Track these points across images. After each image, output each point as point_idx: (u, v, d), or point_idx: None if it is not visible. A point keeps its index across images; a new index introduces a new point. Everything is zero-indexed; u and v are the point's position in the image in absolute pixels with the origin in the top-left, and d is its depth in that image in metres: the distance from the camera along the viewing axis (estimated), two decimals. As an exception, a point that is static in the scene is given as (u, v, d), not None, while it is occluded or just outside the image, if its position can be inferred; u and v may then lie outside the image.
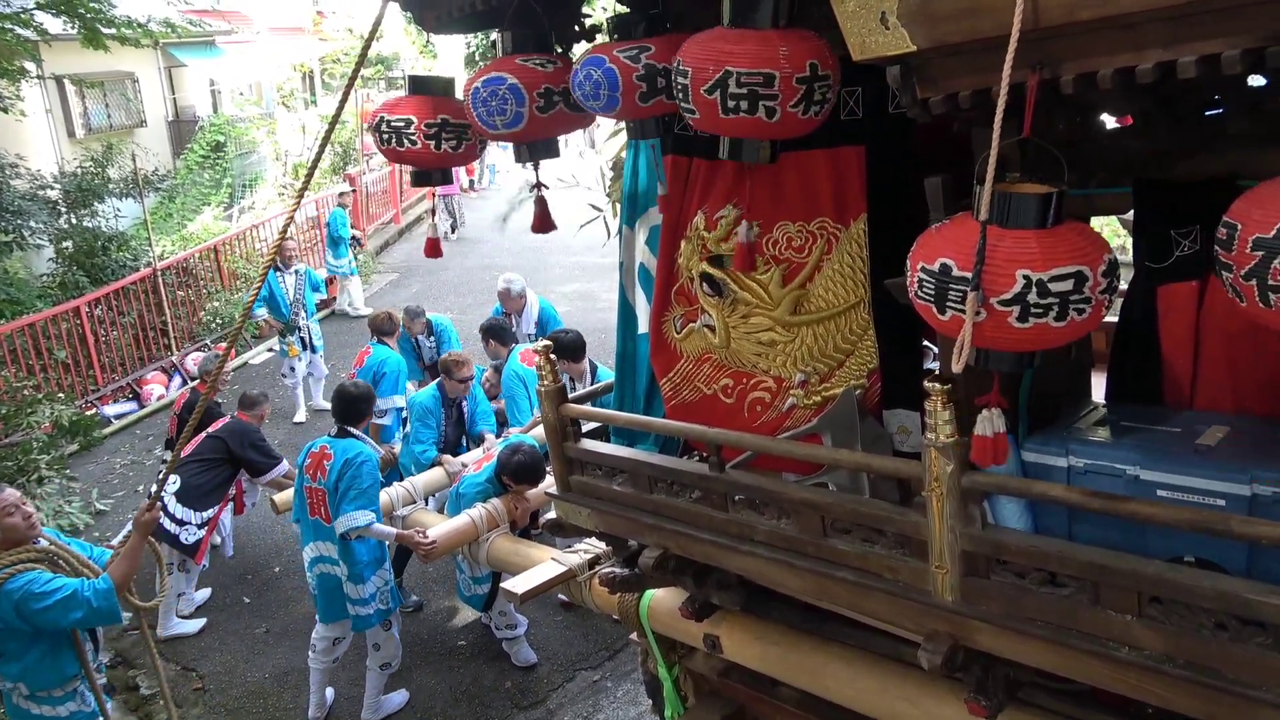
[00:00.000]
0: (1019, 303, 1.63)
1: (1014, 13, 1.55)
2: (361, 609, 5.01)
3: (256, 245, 13.14)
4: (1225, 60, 1.44)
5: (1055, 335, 1.67)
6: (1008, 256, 1.63)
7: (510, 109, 2.51)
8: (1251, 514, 1.78)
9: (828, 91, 2.09)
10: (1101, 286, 1.64)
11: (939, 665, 2.14)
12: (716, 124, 2.17)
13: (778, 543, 2.56)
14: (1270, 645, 1.70)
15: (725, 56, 2.05)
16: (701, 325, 2.97)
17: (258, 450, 6.12)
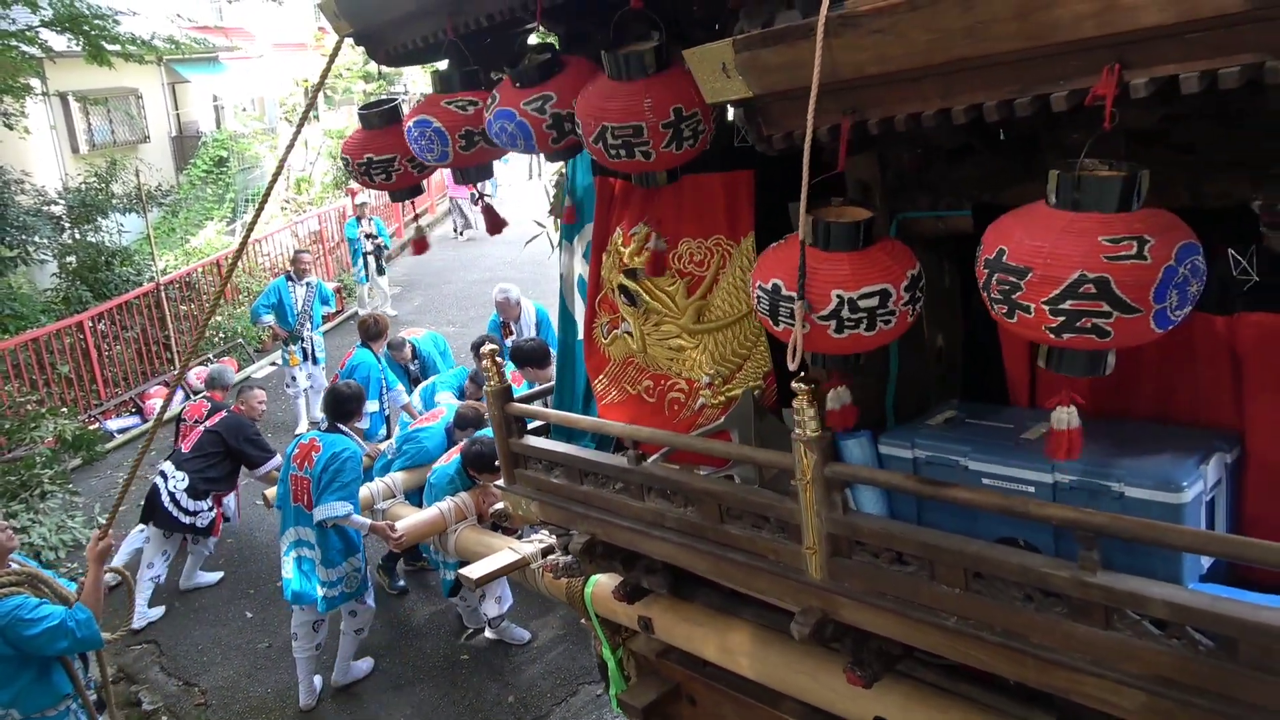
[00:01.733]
0: (835, 318, 1.89)
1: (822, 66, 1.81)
2: (329, 590, 5.44)
3: (259, 259, 13.46)
4: (986, 110, 1.70)
5: (868, 342, 1.93)
6: (825, 279, 1.90)
7: (437, 147, 2.80)
8: (1055, 499, 2.04)
9: (698, 125, 2.36)
10: (904, 300, 1.90)
11: (807, 636, 2.40)
12: (608, 163, 2.46)
13: (684, 528, 2.82)
14: (1066, 614, 1.95)
15: (601, 113, 2.33)
16: (623, 332, 3.25)
17: (252, 444, 6.50)
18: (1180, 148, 1.96)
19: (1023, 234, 1.62)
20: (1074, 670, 1.93)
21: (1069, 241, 1.55)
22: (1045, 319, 1.59)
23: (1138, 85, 1.51)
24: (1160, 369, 2.16)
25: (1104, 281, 1.52)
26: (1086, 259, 1.53)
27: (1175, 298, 1.55)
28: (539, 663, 5.97)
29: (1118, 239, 1.53)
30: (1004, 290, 1.62)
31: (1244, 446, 2.05)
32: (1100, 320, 1.55)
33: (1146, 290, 1.52)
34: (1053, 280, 1.56)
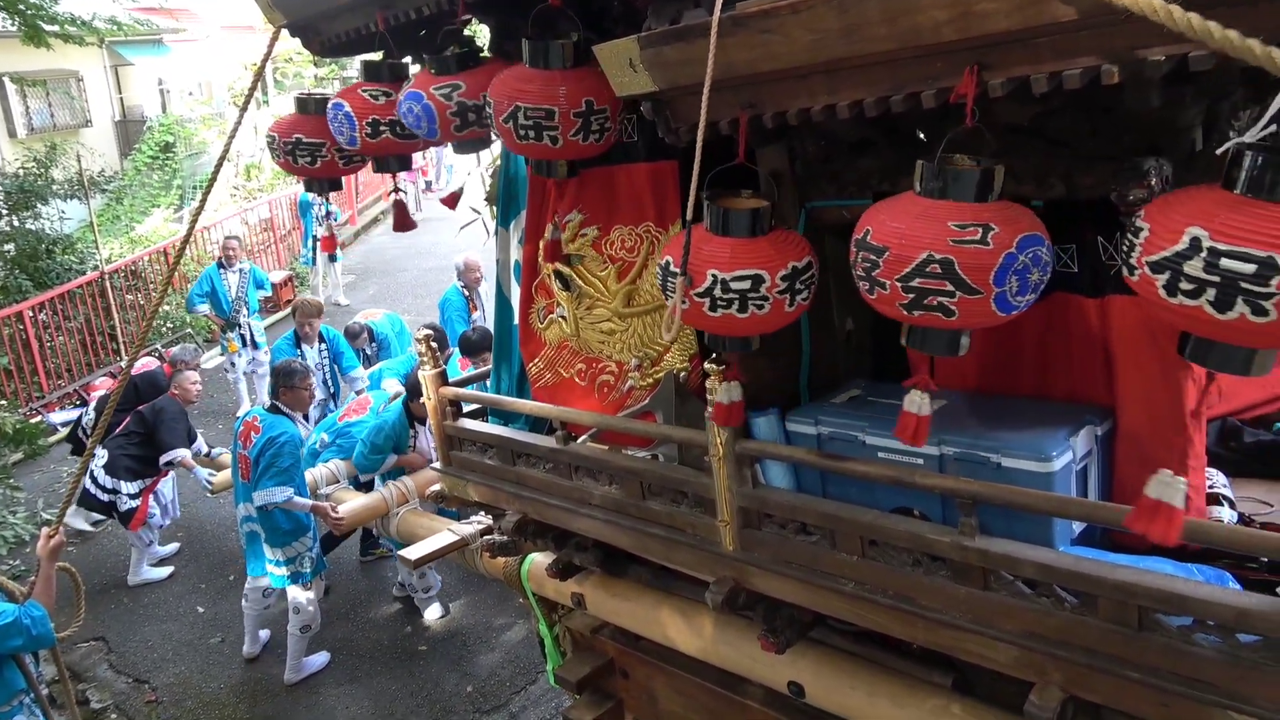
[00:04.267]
0: (709, 296, 2.01)
1: (718, 63, 1.92)
2: (276, 569, 5.54)
3: (208, 248, 13.31)
4: (866, 106, 1.82)
5: (740, 325, 2.05)
6: (705, 258, 2.01)
7: (346, 131, 2.87)
8: (941, 470, 2.18)
9: (606, 123, 2.46)
10: (779, 289, 2.02)
11: (721, 605, 2.53)
12: (515, 147, 2.55)
13: (610, 506, 2.93)
14: (949, 577, 2.09)
15: (516, 94, 2.42)
16: (558, 316, 3.35)
17: (167, 428, 6.48)
18: (1055, 142, 2.10)
19: (886, 217, 1.75)
20: (957, 629, 2.08)
21: (922, 225, 1.68)
22: (898, 295, 1.71)
23: (995, 85, 1.63)
24: (1040, 349, 2.31)
25: (949, 263, 1.65)
26: (935, 241, 1.66)
27: (1015, 283, 1.67)
28: (497, 651, 6.05)
29: (965, 225, 1.65)
30: (866, 267, 1.75)
31: (1114, 419, 2.21)
32: (945, 299, 1.68)
33: (987, 274, 1.64)
34: (904, 259, 1.68)
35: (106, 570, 7.33)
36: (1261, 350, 1.46)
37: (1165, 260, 1.44)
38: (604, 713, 3.84)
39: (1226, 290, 1.37)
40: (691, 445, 2.72)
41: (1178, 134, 1.92)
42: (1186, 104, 1.87)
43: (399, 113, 2.74)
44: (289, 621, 5.72)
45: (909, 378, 2.66)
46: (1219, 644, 1.71)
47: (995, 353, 2.43)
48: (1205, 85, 1.80)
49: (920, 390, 1.92)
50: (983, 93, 1.65)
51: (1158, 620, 1.78)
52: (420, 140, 2.98)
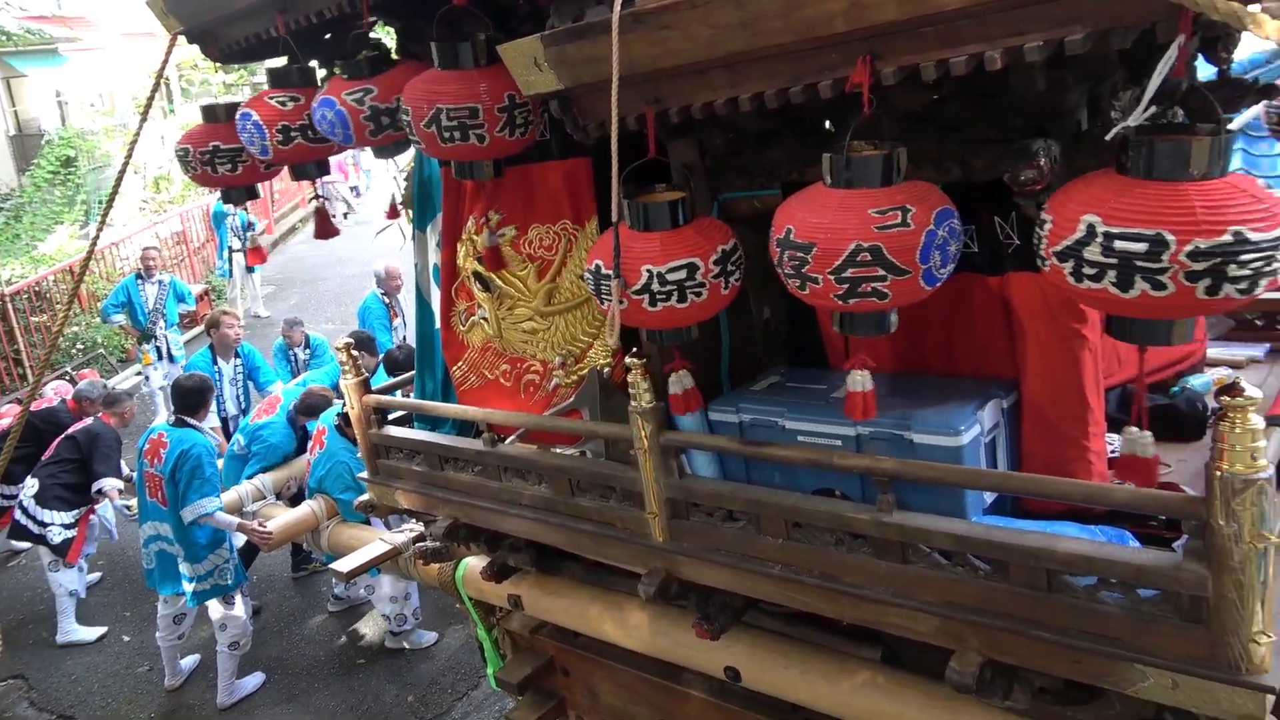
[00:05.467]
0: (647, 292, 2.03)
1: (621, 60, 1.94)
2: (197, 584, 5.40)
3: (117, 265, 12.84)
4: (767, 98, 1.86)
5: (682, 315, 2.08)
6: (637, 255, 2.03)
7: (258, 141, 2.82)
8: (858, 450, 2.24)
9: (529, 116, 2.46)
10: (714, 273, 2.06)
11: (653, 595, 2.56)
12: (439, 151, 2.52)
13: (539, 504, 2.93)
14: (870, 553, 2.15)
15: (435, 96, 2.40)
16: (479, 318, 3.34)
17: (101, 456, 6.25)
18: (949, 128, 2.17)
19: (806, 213, 1.79)
20: (880, 603, 2.14)
21: (844, 216, 1.72)
22: (832, 288, 1.76)
23: (887, 74, 1.69)
24: (947, 328, 2.39)
25: (877, 249, 1.70)
26: (860, 230, 1.70)
27: (938, 258, 1.74)
28: (438, 659, 5.99)
29: (884, 210, 1.70)
30: (795, 265, 1.78)
31: (1019, 392, 2.30)
32: (878, 284, 1.73)
33: (913, 253, 1.70)
34: (834, 253, 1.72)
35: (23, 604, 7.05)
36: (1179, 321, 1.54)
37: (1068, 249, 1.51)
38: (546, 712, 3.84)
39: (1125, 270, 1.44)
40: (617, 440, 2.74)
41: (1063, 116, 2.00)
42: (1069, 87, 1.96)
43: (313, 120, 2.70)
44: (217, 640, 5.57)
45: (825, 362, 2.75)
46: (1122, 600, 1.80)
47: (907, 334, 2.49)
48: (1086, 69, 1.88)
49: (859, 370, 1.96)
50: (876, 82, 1.70)
51: (1065, 581, 1.86)
52: (336, 144, 2.94)
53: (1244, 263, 1.36)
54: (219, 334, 7.42)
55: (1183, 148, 1.42)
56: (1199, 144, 1.41)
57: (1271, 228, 1.37)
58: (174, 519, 5.30)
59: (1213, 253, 1.36)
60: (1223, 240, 1.35)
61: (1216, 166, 1.41)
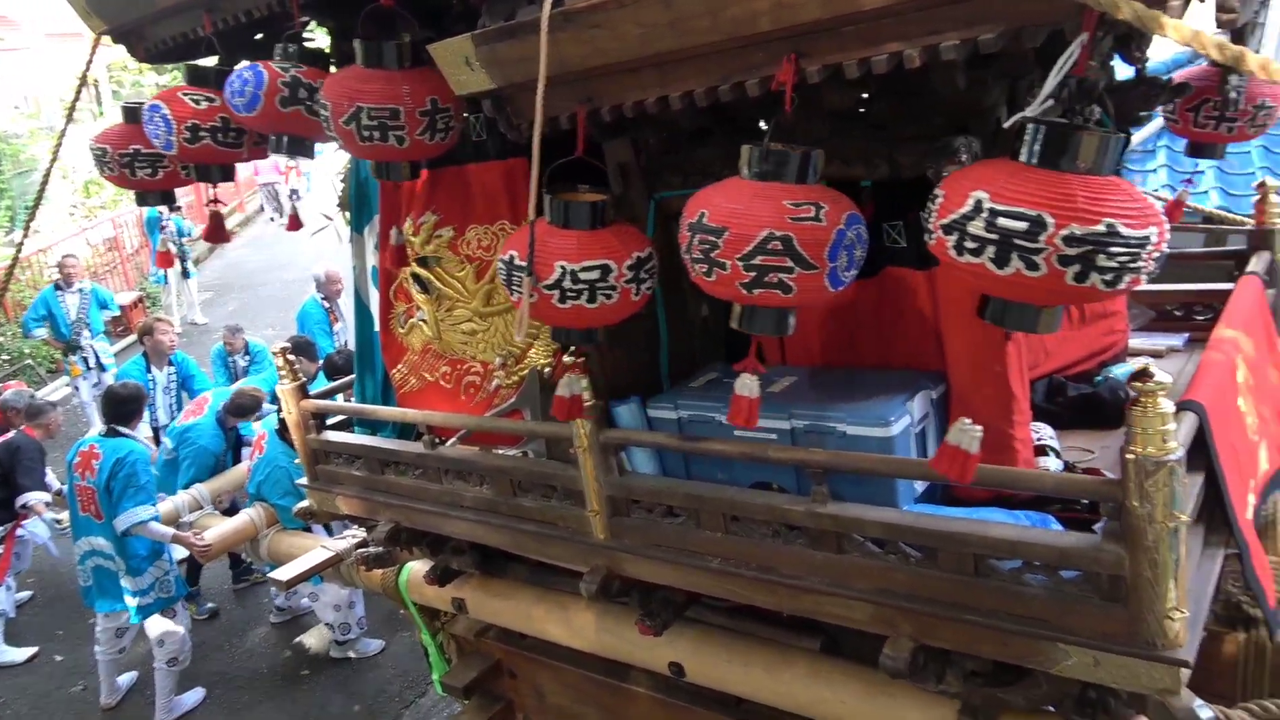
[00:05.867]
0: (558, 288, 2.04)
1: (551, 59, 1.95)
2: (141, 599, 5.26)
3: (44, 273, 12.43)
4: (697, 97, 1.89)
5: (590, 316, 2.09)
6: (553, 251, 2.04)
7: (163, 135, 2.76)
8: (793, 443, 2.28)
9: (450, 121, 2.45)
10: (627, 278, 2.07)
11: (595, 593, 2.56)
12: (357, 150, 2.50)
13: (481, 506, 2.92)
14: (806, 544, 2.19)
15: (356, 94, 2.37)
16: (418, 320, 3.31)
17: (25, 470, 6.06)
18: (877, 125, 2.22)
19: (721, 199, 1.81)
20: (816, 593, 2.17)
21: (760, 204, 1.75)
22: (739, 275, 1.76)
23: (812, 73, 1.72)
24: (878, 322, 2.45)
25: (788, 239, 1.72)
26: (774, 219, 1.73)
27: (845, 259, 1.77)
28: (385, 668, 5.91)
29: (799, 203, 1.73)
30: (704, 249, 1.79)
31: (947, 383, 2.35)
32: (785, 276, 1.74)
33: (823, 249, 1.73)
34: (746, 238, 1.74)
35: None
36: (1046, 309, 1.60)
37: (954, 222, 1.55)
38: (493, 715, 3.83)
39: (1003, 247, 1.49)
40: (558, 439, 2.74)
41: (983, 113, 2.06)
42: (989, 86, 2.02)
43: (227, 88, 2.61)
44: (154, 656, 5.43)
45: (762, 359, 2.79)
46: (1045, 582, 1.86)
47: (838, 329, 2.55)
48: (1003, 68, 1.94)
49: (750, 373, 1.98)
50: (803, 80, 1.73)
51: (991, 566, 1.92)
52: (244, 150, 2.89)
53: (1113, 254, 1.42)
54: (152, 341, 7.24)
55: (1073, 140, 1.47)
56: (1089, 139, 1.47)
57: (1142, 226, 1.43)
58: (111, 533, 5.15)
59: (1086, 240, 1.41)
60: (1097, 229, 1.41)
61: (1102, 163, 1.47)
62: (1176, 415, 1.92)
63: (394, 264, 2.99)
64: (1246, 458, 2.35)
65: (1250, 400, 2.42)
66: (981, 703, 2.18)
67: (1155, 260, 1.51)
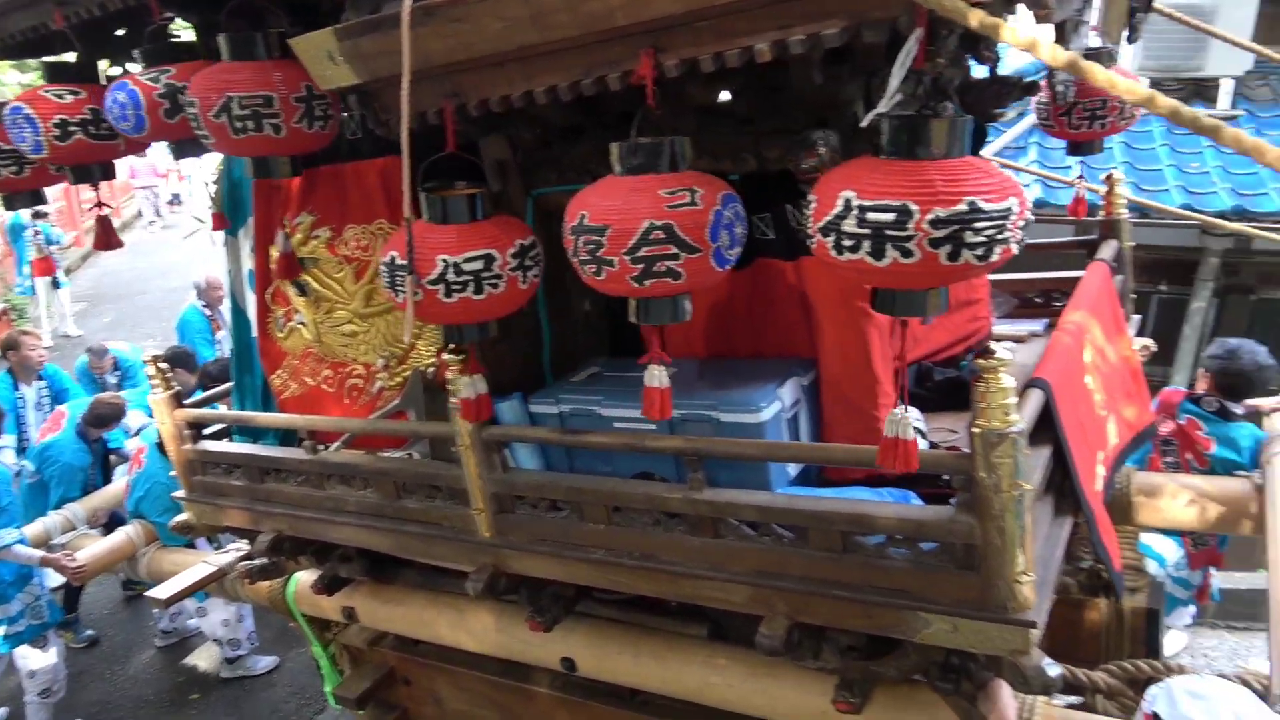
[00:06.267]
0: (442, 282, 2.03)
1: (414, 54, 1.94)
2: (9, 627, 4.97)
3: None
4: (560, 91, 1.91)
5: (479, 308, 2.09)
6: (432, 246, 2.03)
7: (30, 137, 2.64)
8: (671, 432, 2.32)
9: (329, 108, 2.40)
10: (511, 265, 2.07)
11: (482, 591, 2.56)
12: (231, 144, 2.42)
13: (365, 510, 2.88)
14: (685, 531, 2.23)
15: (225, 85, 2.31)
16: (297, 323, 3.23)
17: None
18: (743, 120, 2.29)
19: (598, 199, 1.83)
20: (695, 578, 2.22)
21: (636, 197, 1.78)
22: (628, 269, 1.80)
23: (670, 67, 1.76)
24: (751, 313, 2.52)
25: (669, 227, 1.75)
26: (652, 209, 1.76)
27: (726, 238, 1.82)
28: (279, 686, 5.75)
29: (674, 190, 1.77)
30: (590, 249, 1.82)
31: (818, 370, 2.44)
32: (672, 263, 1.78)
33: (703, 231, 1.77)
34: (628, 232, 1.77)
35: None
36: (931, 291, 1.67)
37: (829, 224, 1.62)
38: (389, 724, 3.77)
39: (877, 240, 1.56)
40: (442, 439, 2.72)
41: (841, 108, 2.13)
42: (845, 81, 2.09)
43: (105, 108, 2.52)
44: (25, 689, 5.13)
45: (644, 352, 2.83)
46: (907, 555, 1.94)
47: (716, 321, 2.61)
48: (859, 64, 2.02)
49: (656, 364, 2.02)
50: (662, 75, 1.77)
51: (857, 542, 1.99)
52: (121, 143, 2.78)
53: (979, 230, 1.51)
54: (18, 356, 6.83)
55: (924, 128, 1.55)
56: (938, 125, 1.55)
57: (1001, 199, 1.52)
58: None
59: (951, 220, 1.49)
60: (959, 209, 1.49)
61: (954, 146, 1.55)
62: (1025, 393, 2.04)
63: (283, 273, 2.91)
64: (1094, 432, 2.50)
65: (1097, 379, 2.58)
66: (857, 676, 2.26)
67: (1021, 229, 1.60)
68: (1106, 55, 3.02)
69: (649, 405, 1.98)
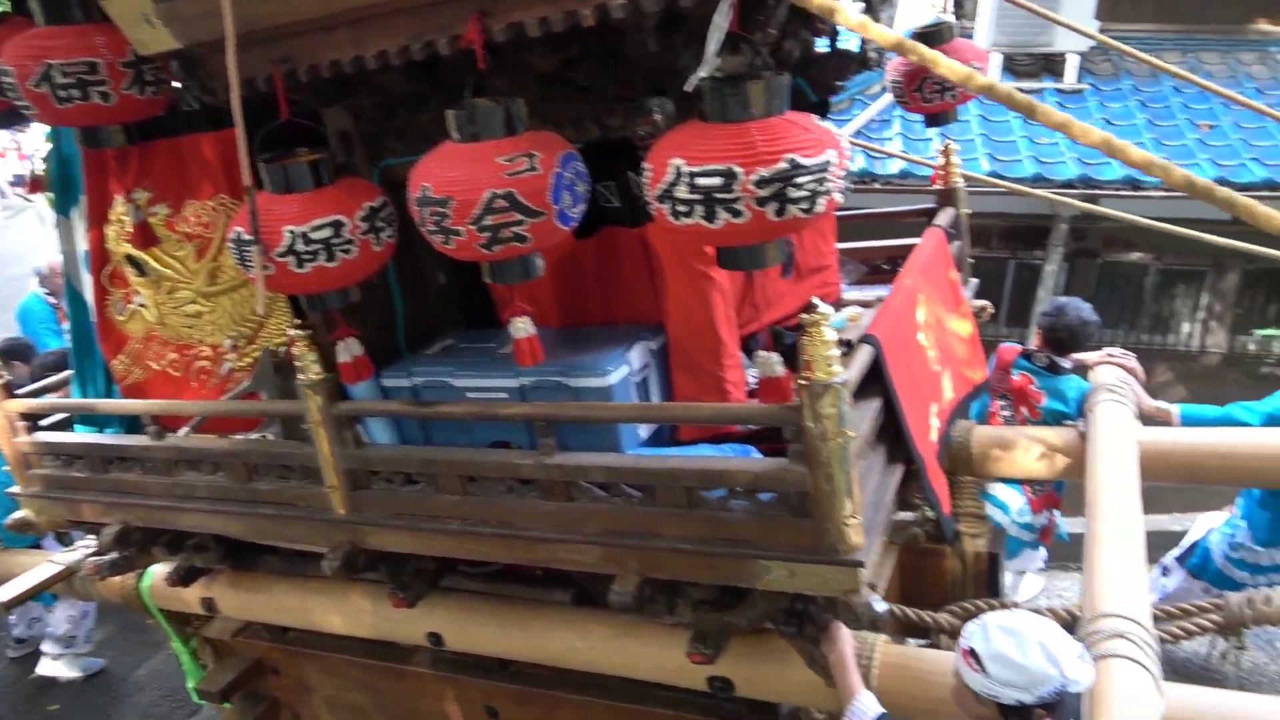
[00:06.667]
0: (291, 253, 1.99)
1: (238, 16, 1.88)
2: None
3: None
4: (390, 56, 1.89)
5: (335, 275, 2.05)
6: (277, 217, 1.99)
7: None
8: (524, 400, 2.34)
9: (159, 73, 2.30)
10: (363, 230, 2.05)
11: (339, 569, 2.52)
12: (56, 115, 2.30)
13: (216, 495, 2.79)
14: (539, 496, 2.26)
15: (44, 51, 2.19)
16: (138, 305, 3.09)
17: None
18: (584, 88, 2.30)
19: (439, 169, 1.83)
20: (550, 542, 2.25)
21: (476, 167, 1.79)
22: (475, 238, 1.81)
23: (498, 32, 1.76)
24: (601, 280, 2.55)
25: (511, 195, 1.77)
26: (492, 179, 1.77)
27: (568, 198, 1.84)
28: (149, 689, 5.48)
29: (512, 157, 1.78)
30: (436, 220, 1.82)
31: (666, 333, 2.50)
32: (517, 228, 1.80)
33: (544, 195, 1.79)
34: (471, 203, 1.77)
35: None
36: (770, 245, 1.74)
37: (664, 192, 1.66)
38: (258, 716, 3.68)
39: (708, 204, 1.62)
40: (294, 417, 2.66)
41: (677, 76, 2.17)
42: (680, 48, 2.14)
43: None
44: None
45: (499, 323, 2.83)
46: (747, 506, 2.02)
47: (569, 290, 2.64)
48: (692, 31, 2.07)
49: (519, 317, 2.03)
50: (493, 40, 1.78)
51: (701, 497, 2.06)
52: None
53: (800, 185, 1.58)
54: None
55: (743, 92, 1.61)
56: (754, 87, 1.61)
57: (818, 153, 1.60)
58: None
59: (774, 179, 1.56)
60: (780, 167, 1.56)
61: (773, 106, 1.62)
62: (856, 347, 2.15)
63: (141, 244, 2.77)
64: (928, 386, 2.65)
65: (931, 336, 2.73)
66: (711, 629, 2.34)
67: (842, 179, 1.68)
68: (946, 30, 3.19)
69: (520, 354, 2.03)
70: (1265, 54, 7.90)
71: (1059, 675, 1.72)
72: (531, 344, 2.08)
